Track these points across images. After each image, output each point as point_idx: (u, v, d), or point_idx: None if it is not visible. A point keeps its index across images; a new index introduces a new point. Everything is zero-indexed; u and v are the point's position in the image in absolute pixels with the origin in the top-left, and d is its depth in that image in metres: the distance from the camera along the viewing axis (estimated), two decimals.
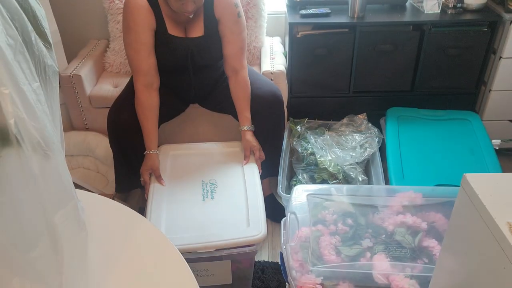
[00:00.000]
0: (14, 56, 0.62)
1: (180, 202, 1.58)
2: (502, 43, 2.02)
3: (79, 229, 0.77)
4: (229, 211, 1.55)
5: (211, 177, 1.69)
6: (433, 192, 1.55)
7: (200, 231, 1.46)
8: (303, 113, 2.23)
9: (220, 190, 1.64)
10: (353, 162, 1.95)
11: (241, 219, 1.51)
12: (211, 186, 1.65)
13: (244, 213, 1.53)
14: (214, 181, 1.67)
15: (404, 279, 1.26)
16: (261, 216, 1.52)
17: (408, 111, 2.14)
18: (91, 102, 2.13)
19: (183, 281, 0.90)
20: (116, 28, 2.23)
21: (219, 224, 1.50)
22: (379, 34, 2.05)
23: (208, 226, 1.49)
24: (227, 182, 1.67)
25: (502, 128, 2.21)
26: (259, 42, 2.28)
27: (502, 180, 0.84)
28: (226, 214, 1.53)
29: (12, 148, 0.59)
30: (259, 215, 1.52)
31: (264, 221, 1.50)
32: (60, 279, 0.70)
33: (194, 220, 1.51)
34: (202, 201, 1.59)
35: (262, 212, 1.54)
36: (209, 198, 1.60)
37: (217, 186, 1.65)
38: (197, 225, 1.49)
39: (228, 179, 1.69)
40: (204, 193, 1.62)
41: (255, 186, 1.64)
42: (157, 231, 1.02)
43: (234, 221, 1.51)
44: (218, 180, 1.68)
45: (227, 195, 1.61)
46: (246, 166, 1.74)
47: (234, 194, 1.62)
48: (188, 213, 1.54)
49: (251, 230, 1.47)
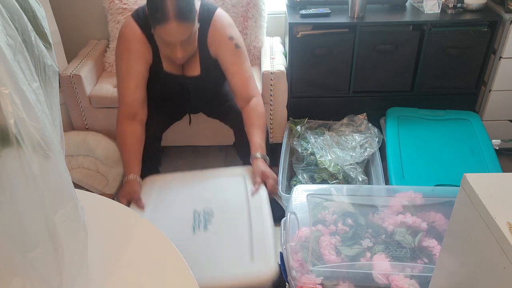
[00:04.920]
0: (14, 56, 0.62)
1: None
2: (502, 43, 2.02)
3: (79, 229, 0.77)
4: (228, 243, 1.28)
5: (205, 205, 1.41)
6: (433, 192, 1.55)
7: None
8: (303, 113, 2.23)
9: (217, 219, 1.36)
10: (353, 162, 1.95)
11: (243, 251, 1.23)
12: (205, 215, 1.37)
13: (247, 245, 1.25)
14: (209, 209, 1.39)
15: (404, 279, 1.26)
16: (269, 247, 1.24)
17: (408, 111, 2.14)
18: (91, 102, 2.13)
19: (183, 281, 0.90)
20: (116, 28, 2.23)
21: (213, 260, 1.23)
22: (379, 34, 2.05)
23: (198, 263, 1.18)
24: (226, 209, 1.40)
25: (502, 128, 2.21)
26: (259, 42, 2.28)
27: (502, 180, 0.84)
28: (223, 247, 1.27)
29: (12, 148, 0.59)
30: (267, 246, 1.23)
31: (273, 253, 1.23)
32: (60, 279, 0.70)
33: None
34: (192, 234, 1.32)
35: (271, 242, 1.26)
36: (201, 229, 1.33)
37: (213, 215, 1.37)
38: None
39: (227, 207, 1.41)
40: (195, 224, 1.35)
41: (262, 212, 1.35)
42: (157, 231, 1.02)
43: (233, 255, 1.23)
44: (215, 207, 1.40)
45: (225, 225, 1.34)
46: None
47: (235, 223, 1.33)
48: None
49: (256, 265, 1.19)
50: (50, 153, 0.66)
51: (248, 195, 1.43)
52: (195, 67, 1.67)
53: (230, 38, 1.61)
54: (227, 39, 1.61)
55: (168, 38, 1.47)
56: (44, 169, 0.65)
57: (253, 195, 1.43)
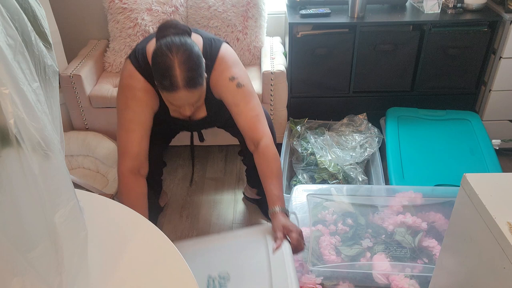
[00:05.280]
0: (14, 56, 0.62)
1: None
2: (502, 43, 2.02)
3: (79, 229, 0.77)
4: None
5: (221, 269, 1.26)
6: (433, 192, 1.55)
7: None
8: (303, 113, 2.23)
9: (234, 284, 1.22)
10: (353, 162, 1.95)
11: None
12: (220, 280, 1.24)
13: None
14: (225, 274, 1.25)
15: (404, 279, 1.26)
16: None
17: (408, 111, 2.14)
18: (91, 102, 2.13)
19: (183, 281, 0.90)
20: (115, 28, 2.23)
21: None
22: (379, 34, 2.05)
23: None
24: (244, 272, 1.25)
25: (502, 128, 2.21)
26: (259, 42, 2.28)
27: (502, 180, 0.84)
28: None
29: (12, 148, 0.59)
30: None
31: None
32: (60, 279, 0.70)
33: None
34: None
35: None
36: None
37: (229, 279, 1.23)
38: None
39: (245, 268, 1.26)
40: None
41: (284, 270, 1.19)
42: (157, 231, 1.02)
43: None
44: (231, 271, 1.26)
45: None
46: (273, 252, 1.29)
47: (253, 285, 1.20)
48: None
49: None
50: (50, 153, 0.66)
51: (269, 253, 1.27)
52: (201, 110, 1.60)
53: (231, 79, 1.50)
54: (228, 81, 1.50)
55: (177, 103, 1.37)
56: (44, 169, 0.65)
57: (275, 253, 1.27)
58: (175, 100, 1.36)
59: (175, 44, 1.29)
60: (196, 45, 1.35)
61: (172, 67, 1.28)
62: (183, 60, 1.28)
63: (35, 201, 0.64)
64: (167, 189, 2.15)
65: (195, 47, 1.33)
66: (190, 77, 1.30)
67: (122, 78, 1.49)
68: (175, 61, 1.28)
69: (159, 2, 2.20)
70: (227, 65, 1.50)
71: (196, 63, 1.32)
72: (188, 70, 1.29)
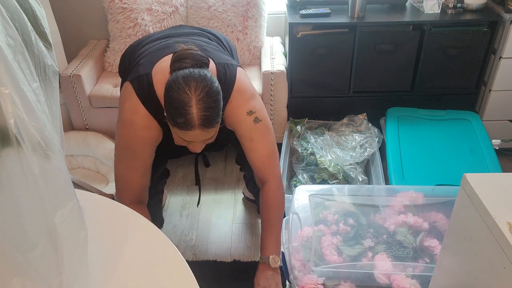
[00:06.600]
0: (14, 56, 0.62)
1: None
2: (502, 43, 2.02)
3: (79, 229, 0.77)
4: None
5: None
6: (433, 192, 1.55)
7: None
8: (303, 113, 2.23)
9: None
10: (353, 162, 1.95)
11: None
12: None
13: None
14: None
15: (405, 278, 1.26)
16: None
17: (408, 111, 2.14)
18: (91, 102, 2.13)
19: (183, 281, 0.90)
20: (115, 28, 2.23)
21: None
22: (379, 34, 2.05)
23: None
24: None
25: (502, 128, 2.21)
26: (259, 42, 2.28)
27: (502, 180, 0.84)
28: None
29: (12, 148, 0.59)
30: None
31: None
32: (60, 279, 0.70)
33: None
34: None
35: None
36: None
37: None
38: None
39: None
40: None
41: None
42: (157, 231, 1.02)
43: None
44: None
45: None
46: None
47: None
48: None
49: None
50: (50, 153, 0.66)
51: None
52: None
53: (249, 113, 1.38)
54: (245, 115, 1.39)
55: (188, 139, 1.26)
56: (44, 169, 0.65)
57: None
58: (187, 137, 1.25)
59: (194, 79, 1.16)
60: (216, 80, 1.22)
61: (189, 105, 1.15)
62: (201, 97, 1.15)
63: (35, 201, 0.64)
64: (167, 189, 2.15)
65: (215, 83, 1.20)
66: (208, 116, 1.18)
67: (123, 109, 1.34)
68: (193, 98, 1.15)
69: (159, 2, 2.20)
70: (245, 98, 1.39)
71: (215, 101, 1.19)
72: (206, 109, 1.16)
